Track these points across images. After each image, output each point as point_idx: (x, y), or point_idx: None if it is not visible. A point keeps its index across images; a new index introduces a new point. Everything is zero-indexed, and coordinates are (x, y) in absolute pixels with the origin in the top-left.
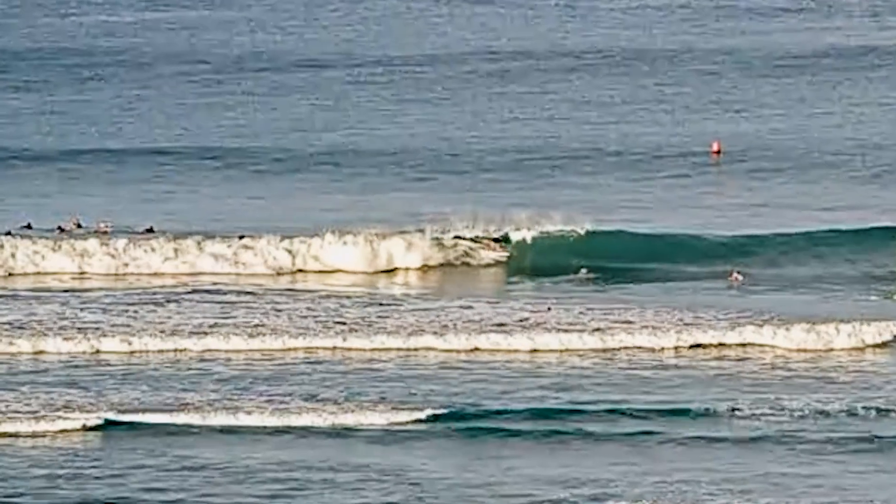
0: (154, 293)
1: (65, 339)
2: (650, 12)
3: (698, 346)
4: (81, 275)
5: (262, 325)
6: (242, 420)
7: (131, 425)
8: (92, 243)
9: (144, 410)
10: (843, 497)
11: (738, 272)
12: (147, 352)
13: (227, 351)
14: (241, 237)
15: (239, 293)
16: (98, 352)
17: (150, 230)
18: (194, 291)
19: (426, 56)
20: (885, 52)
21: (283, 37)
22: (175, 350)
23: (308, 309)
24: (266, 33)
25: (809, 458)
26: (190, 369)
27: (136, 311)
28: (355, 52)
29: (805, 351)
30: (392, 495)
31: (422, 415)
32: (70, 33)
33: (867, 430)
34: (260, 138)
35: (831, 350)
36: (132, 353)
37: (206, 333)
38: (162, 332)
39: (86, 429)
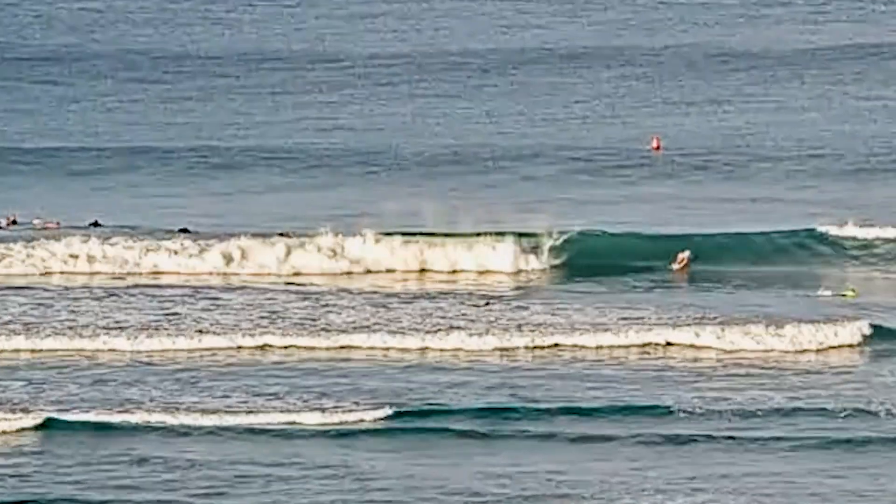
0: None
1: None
2: (589, 10)
3: (644, 344)
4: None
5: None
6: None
7: (73, 424)
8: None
9: (88, 409)
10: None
11: (687, 253)
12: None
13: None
14: (183, 230)
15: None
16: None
17: (96, 224)
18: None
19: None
20: (825, 51)
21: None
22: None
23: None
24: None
25: (749, 456)
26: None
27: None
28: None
29: (743, 351)
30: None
31: (369, 415)
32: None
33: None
34: (202, 137)
35: (770, 351)
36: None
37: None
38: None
39: (27, 428)
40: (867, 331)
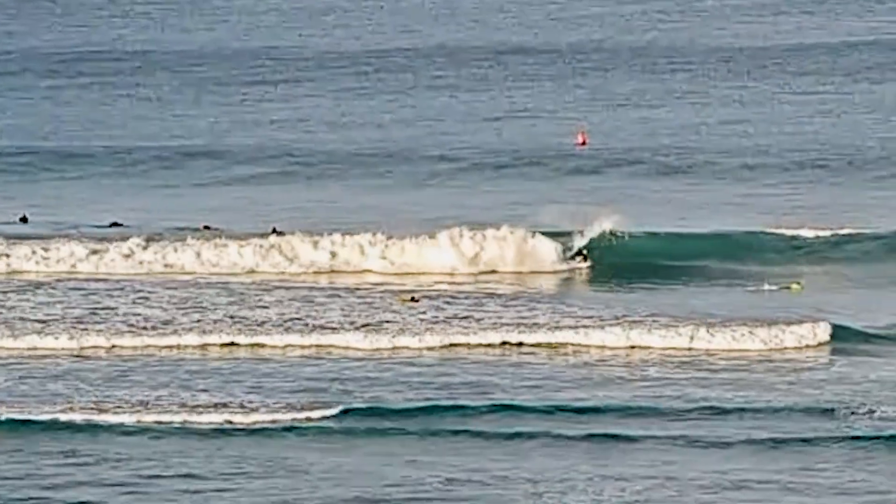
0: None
1: None
2: (516, 5)
3: (569, 343)
4: None
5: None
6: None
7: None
8: None
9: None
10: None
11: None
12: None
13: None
14: (114, 224)
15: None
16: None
17: (24, 220)
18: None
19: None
20: (762, 51)
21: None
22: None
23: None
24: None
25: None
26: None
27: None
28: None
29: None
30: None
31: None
32: None
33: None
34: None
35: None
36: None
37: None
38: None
39: None
40: (828, 331)
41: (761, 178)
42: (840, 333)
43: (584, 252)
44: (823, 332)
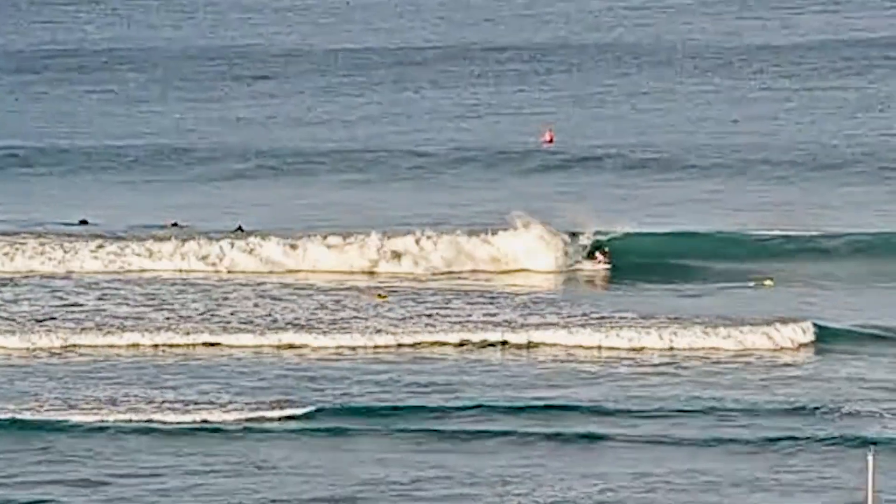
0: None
1: None
2: (484, 4)
3: (537, 343)
4: None
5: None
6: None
7: None
8: None
9: None
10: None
11: (604, 252)
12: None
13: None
14: (83, 222)
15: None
16: None
17: None
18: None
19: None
20: (729, 49)
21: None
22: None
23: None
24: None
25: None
26: None
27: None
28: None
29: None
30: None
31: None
32: None
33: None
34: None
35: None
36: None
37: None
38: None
39: None
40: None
41: (729, 175)
42: (821, 333)
43: (605, 248)
44: (805, 332)
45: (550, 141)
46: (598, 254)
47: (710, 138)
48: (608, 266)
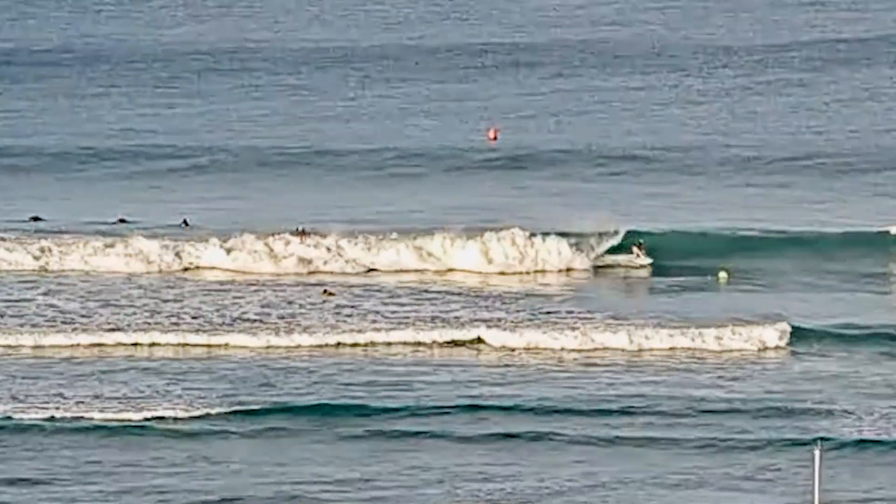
0: None
1: None
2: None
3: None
4: None
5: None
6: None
7: None
8: None
9: None
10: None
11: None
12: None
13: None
14: (34, 219)
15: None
16: None
17: None
18: None
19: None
20: (678, 46)
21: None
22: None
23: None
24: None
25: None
26: None
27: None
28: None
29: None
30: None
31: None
32: None
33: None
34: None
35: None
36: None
37: None
38: None
39: None
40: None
41: (678, 173)
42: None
43: (640, 242)
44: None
45: (495, 139)
46: (634, 248)
47: (655, 136)
48: (646, 261)
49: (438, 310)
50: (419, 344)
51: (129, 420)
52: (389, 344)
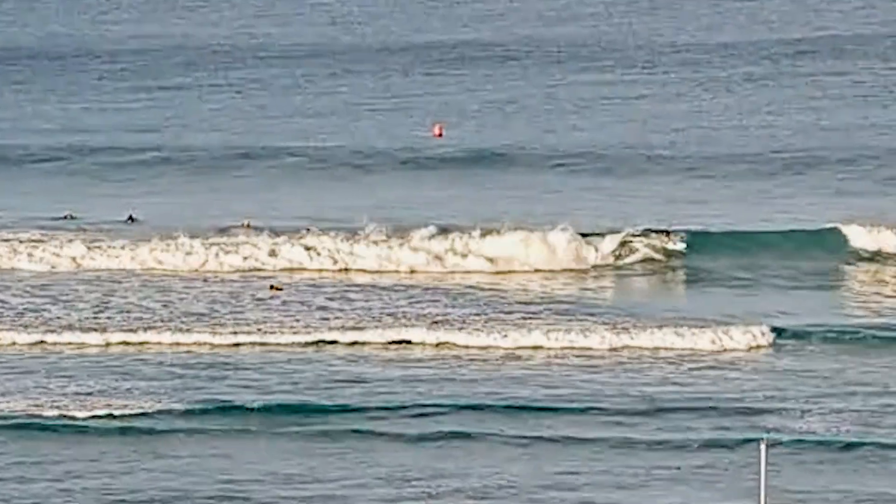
0: None
1: None
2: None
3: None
4: None
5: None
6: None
7: None
8: None
9: None
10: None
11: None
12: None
13: None
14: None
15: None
16: None
17: None
18: None
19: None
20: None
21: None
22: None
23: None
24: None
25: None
26: None
27: None
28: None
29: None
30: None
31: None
32: None
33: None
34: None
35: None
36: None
37: None
38: None
39: None
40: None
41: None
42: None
43: (669, 230)
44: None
45: (440, 135)
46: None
47: (602, 133)
48: (680, 246)
49: (389, 307)
50: (366, 343)
51: (74, 417)
52: (336, 343)
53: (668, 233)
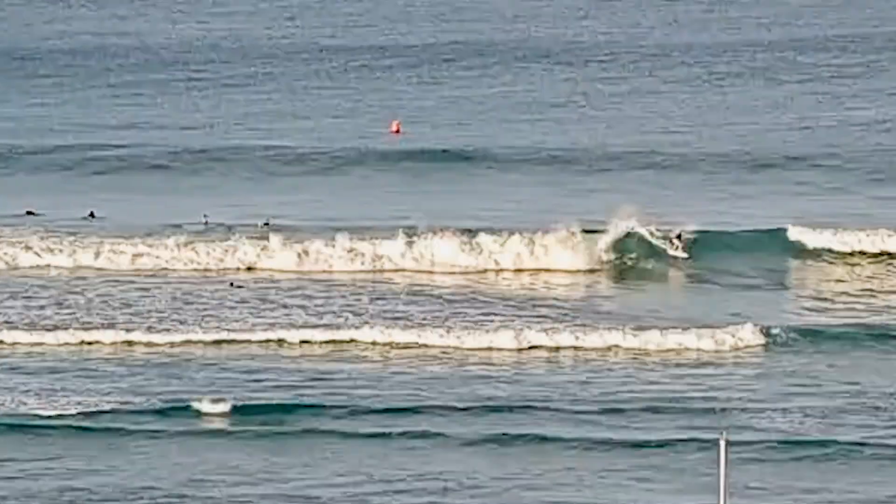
0: None
1: None
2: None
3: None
4: None
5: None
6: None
7: None
8: None
9: None
10: None
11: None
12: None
13: None
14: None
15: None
16: None
17: None
18: None
19: None
20: (573, 44)
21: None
22: None
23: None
24: None
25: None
26: None
27: None
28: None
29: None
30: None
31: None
32: None
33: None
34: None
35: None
36: None
37: None
38: None
39: None
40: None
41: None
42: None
43: (680, 234)
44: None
45: (397, 132)
46: (675, 240)
47: (560, 133)
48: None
49: (347, 306)
50: (332, 342)
51: (35, 416)
52: (301, 342)
53: (679, 237)
